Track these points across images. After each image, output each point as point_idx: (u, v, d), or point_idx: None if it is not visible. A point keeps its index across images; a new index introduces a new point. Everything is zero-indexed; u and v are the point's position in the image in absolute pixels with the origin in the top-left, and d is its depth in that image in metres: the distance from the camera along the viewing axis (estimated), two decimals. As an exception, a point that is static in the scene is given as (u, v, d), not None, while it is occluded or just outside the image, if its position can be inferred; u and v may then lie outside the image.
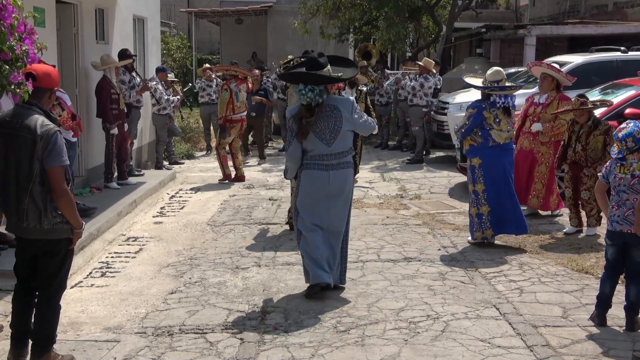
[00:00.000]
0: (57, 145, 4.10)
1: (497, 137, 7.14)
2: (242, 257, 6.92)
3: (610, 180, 5.12)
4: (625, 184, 5.00)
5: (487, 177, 7.16)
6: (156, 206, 9.46)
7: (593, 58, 12.19)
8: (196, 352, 4.70)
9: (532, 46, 16.56)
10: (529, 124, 8.18)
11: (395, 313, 5.35)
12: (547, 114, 8.00)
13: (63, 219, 4.20)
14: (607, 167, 5.20)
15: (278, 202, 9.58)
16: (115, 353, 4.67)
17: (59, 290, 4.36)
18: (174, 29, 29.94)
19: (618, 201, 5.03)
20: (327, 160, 5.65)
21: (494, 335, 4.91)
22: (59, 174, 4.13)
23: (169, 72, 13.17)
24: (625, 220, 4.97)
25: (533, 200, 8.22)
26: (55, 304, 4.34)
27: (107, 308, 5.54)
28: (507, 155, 7.25)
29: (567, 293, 5.78)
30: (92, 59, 9.72)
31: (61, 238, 4.25)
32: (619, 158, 5.02)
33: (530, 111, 8.20)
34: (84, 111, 9.64)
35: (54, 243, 4.24)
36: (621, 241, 5.01)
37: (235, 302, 5.64)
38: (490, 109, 7.11)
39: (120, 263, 6.81)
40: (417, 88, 12.92)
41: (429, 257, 6.85)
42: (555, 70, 8.15)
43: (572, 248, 7.11)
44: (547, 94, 8.12)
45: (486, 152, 7.14)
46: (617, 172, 5.04)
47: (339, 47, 20.55)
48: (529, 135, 8.18)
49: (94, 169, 9.96)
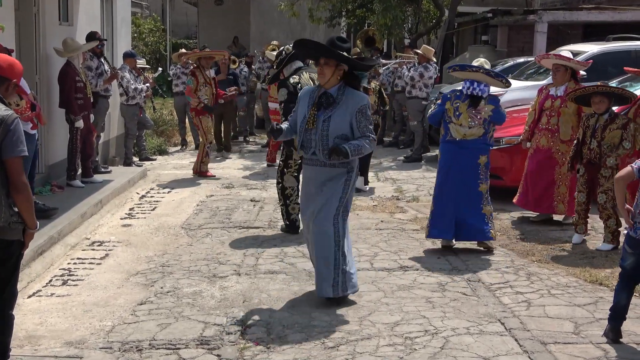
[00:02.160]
0: (17, 132, 4.09)
1: (454, 132, 7.21)
2: (220, 265, 6.92)
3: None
4: None
5: (438, 173, 7.39)
6: (124, 207, 9.43)
7: (610, 47, 12.28)
8: (168, 369, 4.69)
9: (543, 33, 16.65)
10: (546, 120, 8.11)
11: (389, 328, 5.36)
12: (568, 109, 7.96)
13: (19, 218, 4.17)
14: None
15: (260, 203, 9.58)
16: (78, 370, 4.65)
17: (12, 299, 4.35)
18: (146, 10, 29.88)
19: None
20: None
21: (499, 353, 4.93)
22: (19, 164, 4.11)
23: (139, 58, 13.15)
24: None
25: (560, 206, 8.15)
26: (9, 314, 4.32)
27: (69, 320, 5.51)
28: (462, 155, 7.18)
29: (579, 307, 5.80)
30: (54, 41, 9.67)
31: (14, 239, 4.22)
32: None
33: (547, 105, 8.10)
34: (44, 100, 9.60)
35: (5, 244, 4.20)
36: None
37: (212, 314, 5.64)
38: (454, 100, 7.23)
39: (84, 270, 6.78)
40: (417, 78, 12.95)
41: (427, 266, 6.86)
42: (565, 59, 8.13)
43: (585, 257, 7.15)
44: (565, 85, 8.10)
45: (443, 146, 7.39)
46: None
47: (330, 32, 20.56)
48: (546, 133, 8.10)
49: (55, 165, 9.92)
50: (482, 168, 7.23)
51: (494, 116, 7.19)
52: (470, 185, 7.21)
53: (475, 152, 7.20)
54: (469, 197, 7.22)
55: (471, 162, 7.19)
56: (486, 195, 7.29)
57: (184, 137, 15.15)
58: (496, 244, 7.56)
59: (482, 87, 7.16)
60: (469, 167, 7.19)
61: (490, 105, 7.19)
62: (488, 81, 7.21)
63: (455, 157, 7.23)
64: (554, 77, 8.19)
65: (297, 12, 18.44)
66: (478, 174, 7.22)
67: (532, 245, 7.56)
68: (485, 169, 7.26)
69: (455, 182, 7.23)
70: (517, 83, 11.52)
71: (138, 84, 12.24)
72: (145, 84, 12.65)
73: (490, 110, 7.16)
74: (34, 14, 9.49)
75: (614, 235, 7.35)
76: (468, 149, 7.19)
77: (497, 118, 7.23)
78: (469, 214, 7.21)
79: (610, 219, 7.33)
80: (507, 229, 8.20)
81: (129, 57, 12.43)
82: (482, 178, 7.24)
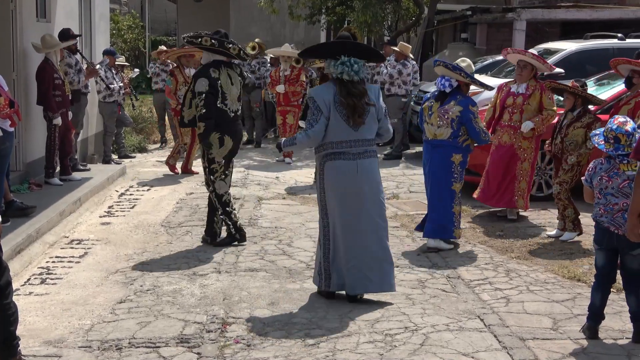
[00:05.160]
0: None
1: (427, 131, 7.39)
2: (200, 263, 6.90)
3: (594, 183, 5.13)
4: (613, 186, 5.02)
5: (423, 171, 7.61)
6: (103, 205, 9.38)
7: (588, 45, 12.39)
8: (148, 368, 4.67)
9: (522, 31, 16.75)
10: (509, 116, 8.19)
11: (370, 324, 5.38)
12: (530, 106, 8.07)
13: None
14: (591, 168, 5.19)
15: (241, 200, 9.56)
16: (57, 369, 4.62)
17: (5, 288, 4.33)
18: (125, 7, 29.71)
19: (606, 204, 5.06)
20: (355, 147, 5.77)
21: (478, 349, 4.96)
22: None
23: (118, 56, 13.06)
24: (613, 221, 5.03)
25: (520, 201, 8.30)
26: (3, 303, 4.31)
27: (48, 319, 5.48)
28: (435, 153, 7.29)
29: (558, 303, 5.86)
30: (31, 38, 9.59)
31: None
32: (623, 154, 4.98)
33: (509, 102, 8.17)
34: (22, 97, 9.51)
35: None
36: (611, 246, 5.07)
37: (192, 312, 5.62)
38: (431, 99, 7.40)
39: (63, 269, 6.74)
40: (395, 76, 12.97)
41: (407, 263, 6.89)
42: (538, 58, 8.21)
43: (563, 254, 7.21)
44: (527, 83, 8.17)
45: (423, 145, 7.59)
46: (623, 169, 4.98)
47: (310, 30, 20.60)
48: (508, 129, 8.19)
49: (33, 163, 9.84)
50: (456, 167, 7.26)
51: (463, 117, 7.11)
52: (443, 183, 7.28)
53: (448, 150, 7.23)
54: (440, 195, 7.29)
55: (444, 160, 7.25)
56: (458, 194, 7.35)
57: (163, 134, 15.08)
58: (475, 240, 7.62)
59: (442, 82, 7.24)
60: (442, 166, 7.26)
61: (459, 106, 7.14)
62: (446, 73, 7.23)
63: (430, 156, 7.37)
64: (519, 73, 8.20)
65: (277, 9, 18.41)
66: (452, 173, 7.26)
67: (511, 242, 7.62)
68: (460, 168, 7.28)
69: (430, 180, 7.38)
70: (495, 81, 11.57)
71: (117, 82, 12.17)
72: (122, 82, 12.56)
73: (458, 112, 7.13)
74: (11, 10, 9.39)
75: (574, 224, 7.55)
76: (441, 147, 7.26)
77: (466, 121, 7.12)
78: (439, 211, 7.29)
79: (567, 209, 7.55)
80: (486, 226, 8.24)
81: (108, 54, 12.36)
82: (455, 177, 7.27)
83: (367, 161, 5.83)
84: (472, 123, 7.13)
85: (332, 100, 5.69)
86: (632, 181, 4.87)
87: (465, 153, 7.30)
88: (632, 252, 4.97)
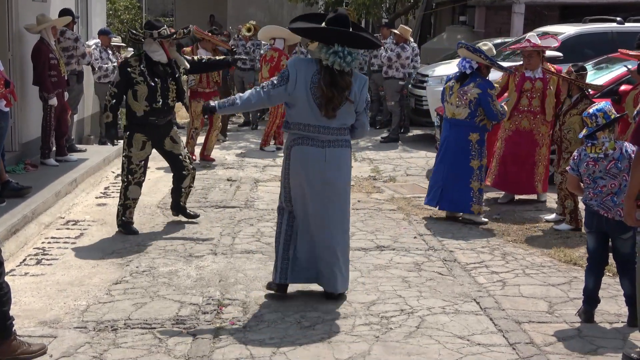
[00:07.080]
0: None
1: (447, 109, 7.72)
2: (196, 244, 6.90)
3: (581, 170, 5.13)
4: (601, 169, 5.03)
5: (439, 148, 8.01)
6: (99, 186, 9.36)
7: (586, 29, 12.33)
8: (143, 349, 4.67)
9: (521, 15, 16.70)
10: (527, 101, 8.10)
11: (365, 307, 5.38)
12: (551, 90, 8.02)
13: None
14: (575, 156, 5.20)
15: (237, 182, 9.55)
16: (52, 350, 4.62)
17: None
18: (122, -13, 29.50)
19: (595, 188, 5.06)
20: (324, 134, 5.31)
21: (474, 332, 4.97)
22: None
23: (114, 36, 12.97)
24: (602, 204, 5.03)
25: (539, 186, 8.31)
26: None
27: (43, 299, 5.48)
28: (454, 132, 7.63)
29: (554, 286, 5.87)
30: (27, 18, 9.53)
31: None
32: (588, 136, 5.05)
33: (526, 86, 8.09)
34: (17, 78, 9.47)
35: None
36: (601, 229, 5.08)
37: (188, 293, 5.62)
38: (452, 79, 7.73)
39: (58, 249, 6.73)
40: (393, 59, 12.93)
41: (404, 246, 6.89)
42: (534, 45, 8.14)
43: (559, 237, 7.22)
44: (540, 67, 8.12)
45: (442, 123, 8.01)
46: (589, 152, 5.06)
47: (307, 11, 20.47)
48: (528, 114, 8.12)
49: (28, 144, 9.80)
50: (474, 145, 7.57)
51: (481, 100, 7.41)
52: (461, 160, 7.57)
53: (465, 129, 7.56)
54: (457, 171, 7.58)
55: (461, 139, 7.59)
56: (477, 171, 7.58)
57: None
58: (472, 223, 7.62)
59: (463, 63, 7.55)
60: (460, 144, 7.60)
61: (477, 88, 7.43)
62: (468, 55, 7.55)
63: (449, 134, 7.71)
64: (527, 61, 8.16)
65: (275, -10, 18.34)
66: (469, 151, 7.56)
67: (508, 225, 7.62)
68: (478, 145, 7.58)
69: (447, 156, 7.69)
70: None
71: (113, 62, 12.09)
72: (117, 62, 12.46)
73: (476, 93, 7.42)
74: (7, -11, 9.34)
75: (572, 217, 7.46)
76: (458, 126, 7.59)
77: (484, 104, 7.43)
78: (455, 186, 7.57)
79: (567, 199, 7.48)
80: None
81: (103, 34, 12.27)
82: (473, 154, 7.58)
83: (337, 150, 5.34)
84: (489, 105, 7.48)
85: (309, 80, 5.24)
86: (617, 161, 4.99)
87: (483, 132, 7.63)
88: (622, 235, 4.99)
